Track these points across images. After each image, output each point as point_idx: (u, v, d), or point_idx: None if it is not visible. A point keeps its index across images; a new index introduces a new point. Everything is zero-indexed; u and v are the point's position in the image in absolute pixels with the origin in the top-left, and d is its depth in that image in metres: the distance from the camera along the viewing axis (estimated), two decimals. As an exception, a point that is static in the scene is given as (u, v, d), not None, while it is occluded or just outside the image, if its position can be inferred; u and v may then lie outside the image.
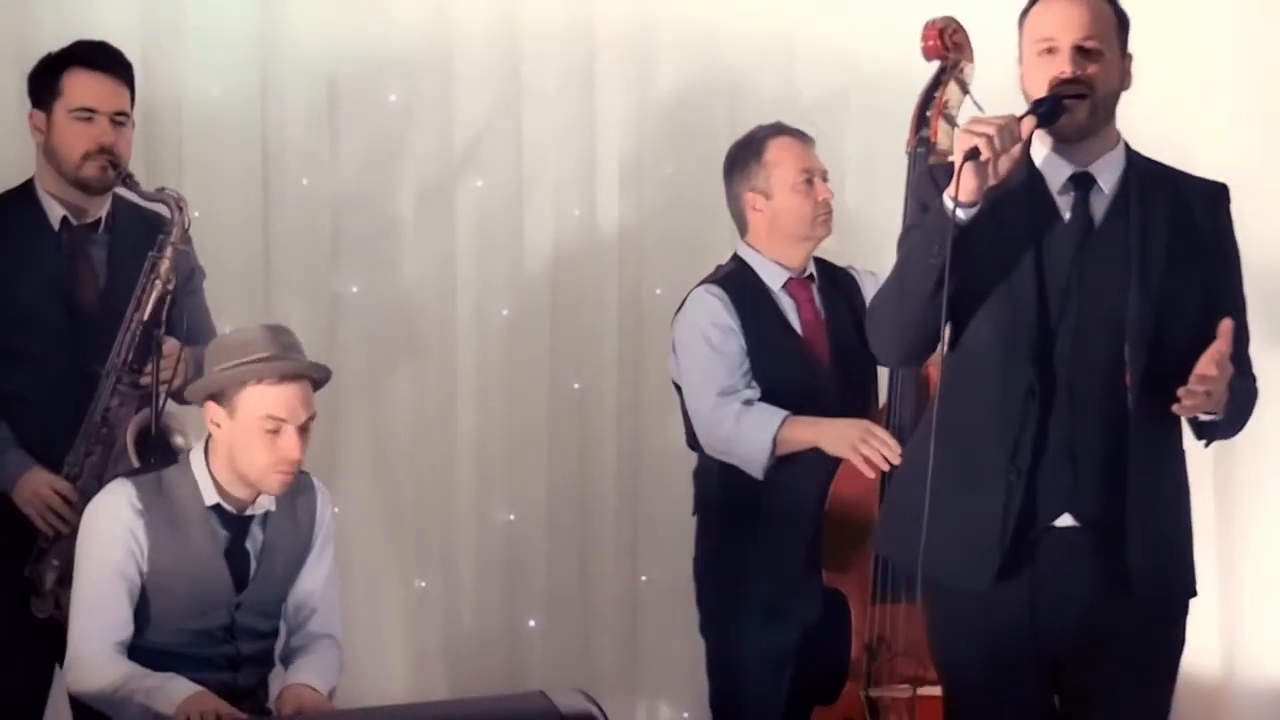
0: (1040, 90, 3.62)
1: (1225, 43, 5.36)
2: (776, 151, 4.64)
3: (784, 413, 4.49)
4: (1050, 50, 3.64)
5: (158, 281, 4.36)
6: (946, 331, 3.64)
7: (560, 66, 5.36)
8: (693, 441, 4.68)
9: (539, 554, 5.42)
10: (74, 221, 4.46)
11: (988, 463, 3.65)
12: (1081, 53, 3.63)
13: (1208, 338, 3.59)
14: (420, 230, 5.35)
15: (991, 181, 3.55)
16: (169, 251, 4.37)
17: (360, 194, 5.32)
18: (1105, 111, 3.69)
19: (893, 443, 4.34)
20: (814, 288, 4.69)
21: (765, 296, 4.62)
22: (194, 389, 4.07)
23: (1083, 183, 3.69)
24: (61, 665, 4.19)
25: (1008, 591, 3.65)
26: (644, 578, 5.34)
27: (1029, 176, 3.70)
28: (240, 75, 5.18)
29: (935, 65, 4.61)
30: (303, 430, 4.00)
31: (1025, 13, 3.72)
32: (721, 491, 4.63)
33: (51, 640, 4.24)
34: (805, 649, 4.59)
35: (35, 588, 4.36)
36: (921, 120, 4.58)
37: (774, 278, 4.64)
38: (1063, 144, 3.69)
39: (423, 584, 5.40)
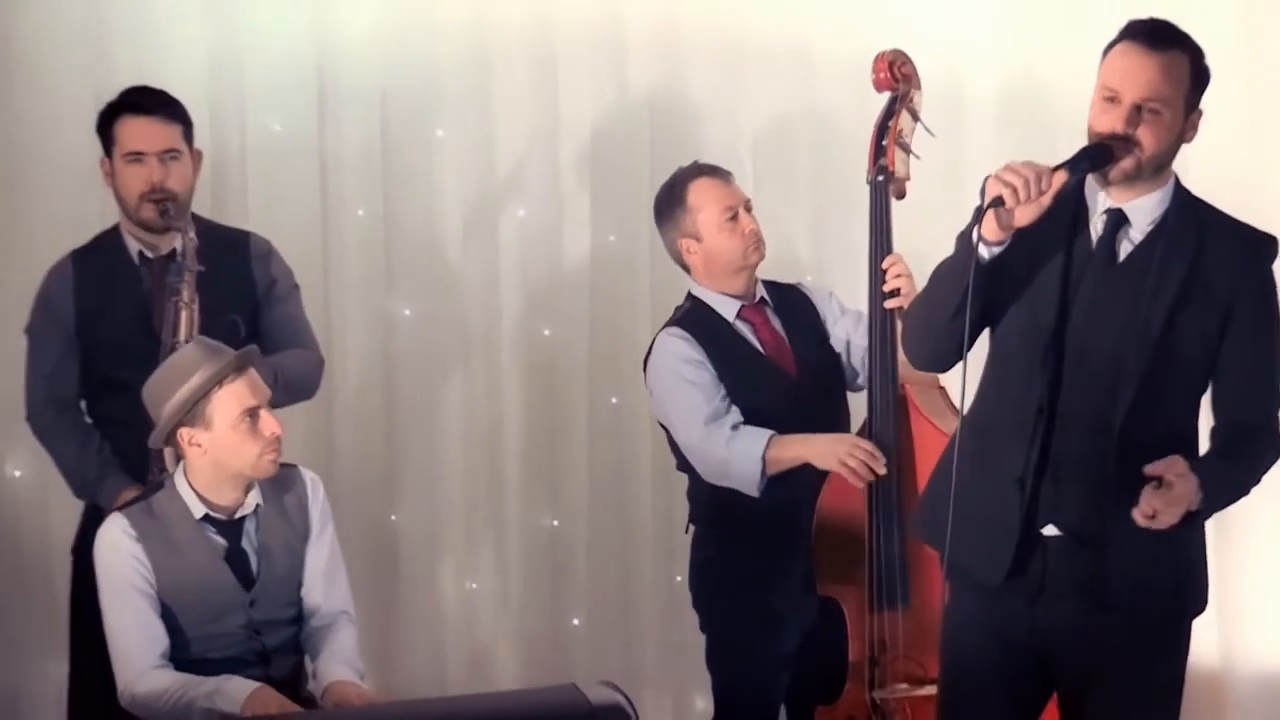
0: (1095, 132, 3.62)
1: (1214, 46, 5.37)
2: (697, 195, 4.64)
3: (769, 433, 4.51)
4: (1112, 99, 3.61)
5: (181, 304, 4.47)
6: (977, 344, 3.71)
7: (594, 103, 5.46)
8: (682, 465, 4.70)
9: (581, 556, 5.54)
10: (150, 255, 4.62)
11: (1004, 466, 3.72)
12: (1139, 110, 3.59)
13: (1209, 380, 3.68)
14: (467, 256, 5.47)
15: (1014, 226, 3.55)
16: (185, 275, 4.48)
17: (411, 223, 5.44)
18: (1154, 166, 3.65)
19: (878, 453, 4.39)
20: (768, 310, 4.71)
21: (724, 326, 4.65)
22: (157, 435, 4.08)
23: (1116, 218, 3.68)
24: None
25: (1013, 592, 3.74)
26: (679, 578, 5.27)
27: (1075, 201, 3.71)
28: (299, 114, 5.33)
29: (886, 96, 4.60)
30: (269, 409, 4.06)
31: (1107, 49, 3.66)
32: (714, 508, 4.66)
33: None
34: (804, 653, 4.63)
35: None
36: (879, 150, 4.57)
37: (727, 308, 4.66)
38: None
39: (474, 585, 5.54)
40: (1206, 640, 5.30)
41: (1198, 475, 3.57)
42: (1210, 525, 4.97)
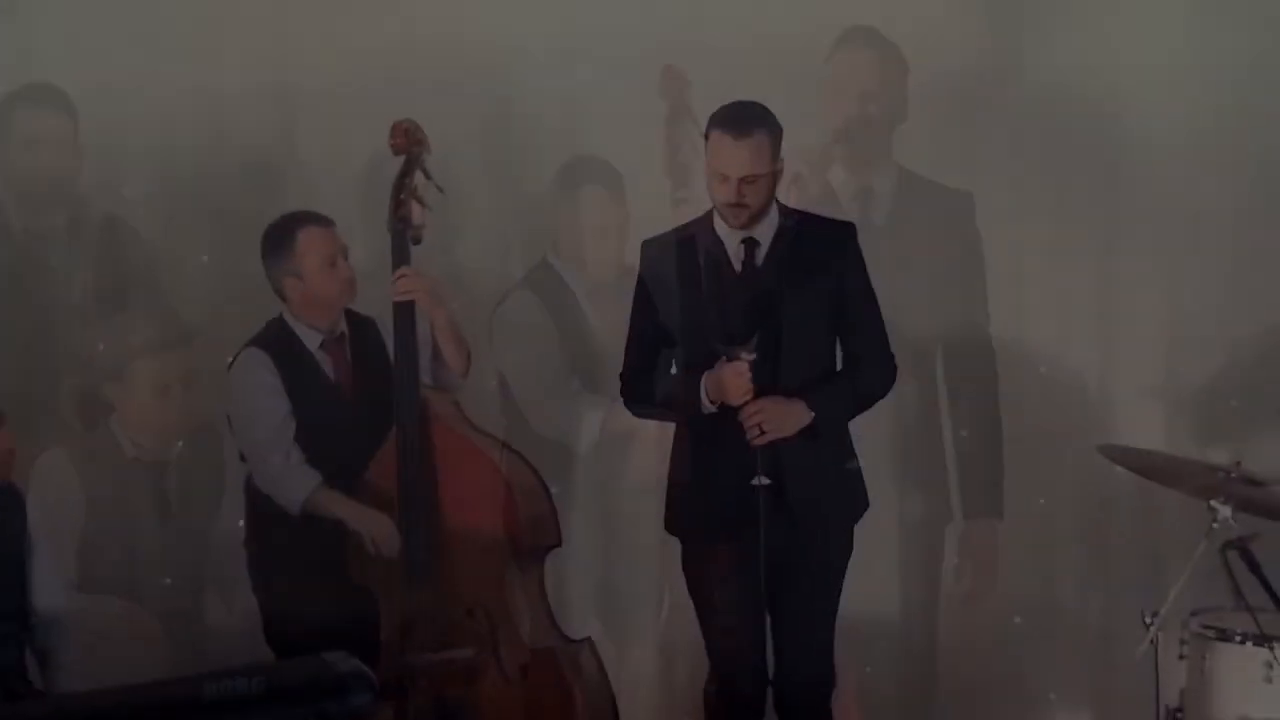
0: (719, 198, 4.79)
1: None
2: (304, 241, 5.15)
3: (317, 480, 5.15)
4: (723, 179, 4.79)
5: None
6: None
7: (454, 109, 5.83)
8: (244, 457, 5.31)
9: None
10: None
11: (729, 445, 4.86)
12: (744, 181, 4.77)
13: (834, 336, 4.88)
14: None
15: None
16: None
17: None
18: (764, 207, 4.85)
19: (394, 537, 5.07)
20: (345, 345, 5.29)
21: (305, 356, 5.24)
22: None
23: (750, 243, 4.89)
24: None
25: (740, 533, 4.86)
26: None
27: (713, 242, 4.87)
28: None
29: (402, 158, 5.18)
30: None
31: (707, 134, 4.85)
32: (260, 507, 5.28)
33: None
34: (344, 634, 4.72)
35: None
36: (399, 202, 5.18)
37: (311, 340, 5.25)
38: None
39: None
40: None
41: (805, 398, 4.81)
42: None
